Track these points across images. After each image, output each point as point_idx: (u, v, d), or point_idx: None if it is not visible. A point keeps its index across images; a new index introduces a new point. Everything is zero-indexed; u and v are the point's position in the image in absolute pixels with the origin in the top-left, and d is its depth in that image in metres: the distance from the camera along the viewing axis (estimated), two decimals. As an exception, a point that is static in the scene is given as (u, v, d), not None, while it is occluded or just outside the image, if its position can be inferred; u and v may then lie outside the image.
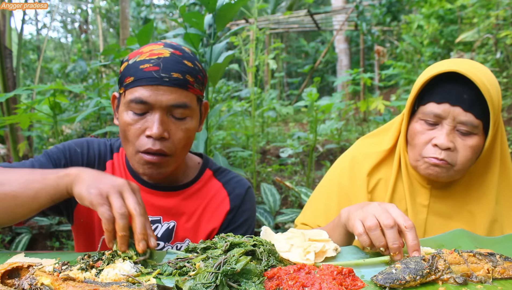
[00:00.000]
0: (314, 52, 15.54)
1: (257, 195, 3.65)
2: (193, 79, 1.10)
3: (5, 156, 3.97)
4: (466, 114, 1.09)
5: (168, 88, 1.06)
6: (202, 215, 1.26)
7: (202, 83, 1.15)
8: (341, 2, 10.74)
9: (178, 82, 1.07)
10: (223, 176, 1.33)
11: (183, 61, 1.09)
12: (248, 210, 1.31)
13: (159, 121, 1.06)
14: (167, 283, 0.78)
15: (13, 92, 2.34)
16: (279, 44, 5.54)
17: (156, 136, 1.07)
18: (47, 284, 0.74)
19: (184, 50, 1.14)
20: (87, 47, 15.27)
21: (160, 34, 7.10)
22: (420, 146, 1.16)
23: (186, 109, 1.10)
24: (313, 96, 3.63)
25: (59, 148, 1.25)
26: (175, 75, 1.06)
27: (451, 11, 6.35)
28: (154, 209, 1.24)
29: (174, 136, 1.10)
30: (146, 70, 1.06)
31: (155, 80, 1.05)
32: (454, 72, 1.10)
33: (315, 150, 5.09)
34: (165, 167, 1.13)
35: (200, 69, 1.14)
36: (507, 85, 4.92)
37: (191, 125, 1.13)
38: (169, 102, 1.07)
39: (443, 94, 1.12)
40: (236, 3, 2.18)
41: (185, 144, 1.14)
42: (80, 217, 1.25)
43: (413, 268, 0.79)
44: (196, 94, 1.13)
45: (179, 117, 1.10)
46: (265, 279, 0.78)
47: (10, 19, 3.98)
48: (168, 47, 1.11)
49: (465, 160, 1.13)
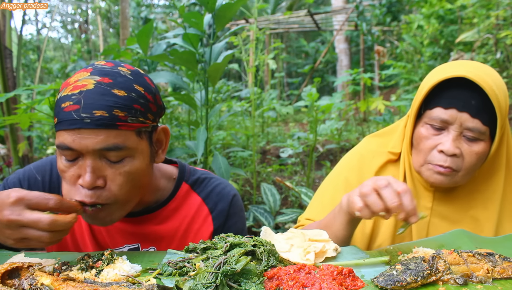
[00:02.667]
0: (314, 52, 15.54)
1: (257, 195, 3.65)
2: (124, 113, 0.91)
3: (5, 156, 3.97)
4: (474, 120, 1.07)
5: (92, 131, 0.89)
6: (184, 237, 1.16)
7: (145, 112, 0.95)
8: (341, 2, 10.74)
9: (103, 122, 0.88)
10: (202, 188, 1.20)
11: (112, 91, 0.90)
12: (234, 225, 1.20)
13: (90, 169, 0.91)
14: (167, 283, 0.78)
15: (13, 92, 2.34)
16: (279, 44, 5.54)
17: (87, 186, 0.92)
18: (47, 284, 0.74)
19: (119, 73, 0.94)
20: (87, 47, 15.27)
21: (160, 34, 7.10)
22: (426, 151, 1.15)
23: (120, 151, 0.92)
24: (313, 96, 3.63)
25: (19, 178, 1.15)
26: (98, 113, 0.88)
27: (451, 11, 6.35)
28: (131, 236, 1.15)
29: (112, 182, 0.94)
30: (66, 110, 0.89)
31: (75, 123, 0.88)
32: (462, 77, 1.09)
33: (315, 150, 5.09)
34: (108, 215, 0.98)
35: (141, 94, 0.94)
36: (507, 85, 4.92)
37: (132, 167, 0.96)
38: (96, 146, 0.89)
39: (450, 99, 1.09)
40: (235, 3, 2.18)
41: (130, 187, 0.97)
42: (50, 248, 1.18)
43: (414, 269, 0.79)
44: (133, 129, 0.94)
45: (114, 161, 0.94)
46: (265, 279, 0.78)
47: (10, 19, 3.98)
48: (95, 74, 0.92)
49: (470, 166, 1.12)
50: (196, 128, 2.63)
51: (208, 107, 2.59)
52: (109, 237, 1.16)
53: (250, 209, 2.97)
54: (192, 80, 3.16)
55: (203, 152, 2.36)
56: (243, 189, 4.06)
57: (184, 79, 3.16)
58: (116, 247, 1.16)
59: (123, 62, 1.03)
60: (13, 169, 3.45)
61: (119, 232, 1.16)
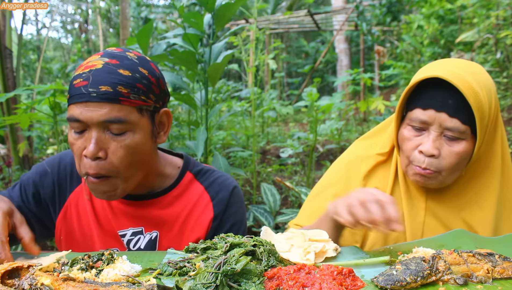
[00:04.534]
0: (314, 52, 15.54)
1: (257, 195, 3.65)
2: (127, 90, 0.99)
3: (5, 156, 3.97)
4: (452, 120, 1.07)
5: (98, 104, 0.98)
6: (185, 223, 1.20)
7: (147, 92, 1.04)
8: (341, 2, 10.74)
9: (107, 96, 0.98)
10: (205, 178, 1.26)
11: (118, 71, 1.00)
12: (235, 213, 1.24)
13: (94, 140, 1.00)
14: (167, 283, 0.78)
15: (13, 92, 2.34)
16: (279, 44, 5.54)
17: (90, 156, 1.00)
18: (47, 284, 0.74)
19: (126, 56, 1.04)
20: (87, 47, 15.27)
21: (160, 34, 7.10)
22: (408, 152, 1.16)
23: (122, 124, 1.00)
24: (313, 96, 3.63)
25: (32, 173, 1.25)
26: (104, 88, 0.98)
27: (451, 11, 6.35)
28: (135, 219, 1.20)
29: (113, 154, 1.02)
30: (77, 86, 0.99)
31: (83, 97, 0.98)
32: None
33: (315, 150, 5.09)
34: (111, 189, 1.06)
35: (144, 76, 1.03)
36: (507, 85, 4.92)
37: (132, 141, 1.03)
38: (100, 118, 0.98)
39: (428, 99, 1.10)
40: (235, 3, 2.18)
41: (130, 162, 1.04)
42: (59, 234, 1.24)
43: (414, 269, 0.79)
44: (135, 106, 1.02)
45: (116, 133, 1.01)
46: (265, 279, 0.78)
47: (10, 19, 3.98)
48: (105, 56, 1.02)
49: (451, 166, 1.11)
50: (196, 128, 2.63)
51: (208, 107, 2.59)
52: (115, 219, 1.20)
53: (250, 209, 2.97)
54: (192, 80, 3.16)
55: (203, 152, 2.36)
56: (243, 189, 4.06)
57: (184, 79, 3.16)
58: (121, 230, 1.20)
59: (132, 49, 1.11)
60: (13, 169, 3.45)
61: (124, 214, 1.20)
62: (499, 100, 4.99)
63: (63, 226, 1.23)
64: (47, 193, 1.23)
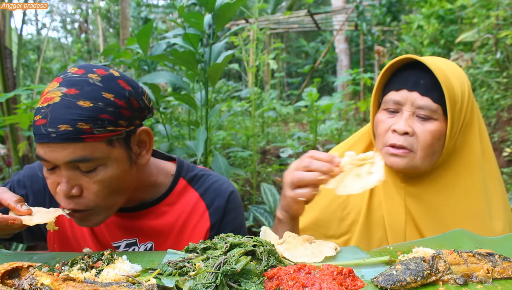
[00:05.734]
0: (314, 52, 15.54)
1: (257, 195, 3.65)
2: (89, 125, 0.90)
3: (5, 156, 3.97)
4: (423, 98, 1.11)
5: (59, 145, 0.91)
6: (181, 233, 1.17)
7: (114, 120, 0.94)
8: (341, 2, 10.74)
9: (68, 136, 0.90)
10: (200, 184, 1.20)
11: (77, 103, 0.90)
12: (233, 221, 1.20)
13: (65, 179, 0.94)
14: (167, 283, 0.78)
15: (13, 92, 2.34)
16: (279, 44, 5.54)
17: (63, 195, 0.96)
18: (47, 284, 0.73)
19: (87, 81, 0.93)
20: (87, 47, 15.27)
21: (160, 34, 7.10)
22: (382, 134, 1.17)
23: (89, 162, 0.93)
24: (313, 96, 3.63)
25: (23, 175, 1.20)
26: (63, 127, 0.89)
27: (451, 11, 6.35)
28: (128, 231, 1.17)
29: (88, 190, 0.97)
30: (37, 125, 0.92)
31: (44, 137, 0.91)
32: (415, 61, 1.14)
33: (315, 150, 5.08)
34: (93, 218, 1.02)
35: (110, 102, 0.93)
36: (507, 85, 4.92)
37: (105, 175, 0.96)
38: (65, 158, 0.92)
39: (401, 81, 1.15)
40: (235, 3, 2.18)
41: (108, 193, 0.99)
42: (52, 243, 1.21)
43: (414, 269, 0.79)
44: (101, 140, 0.94)
45: (86, 171, 0.95)
46: (265, 279, 0.77)
47: (10, 19, 3.98)
48: (63, 86, 0.92)
49: (426, 145, 1.11)
50: (196, 128, 2.63)
51: (208, 107, 2.59)
52: (108, 231, 1.17)
53: (250, 209, 2.97)
54: (192, 80, 3.16)
55: (203, 152, 2.36)
56: (243, 189, 4.06)
57: (184, 79, 3.16)
58: (114, 241, 1.17)
59: (96, 66, 1.00)
60: (13, 169, 3.45)
61: (117, 226, 1.17)
62: (499, 100, 5.00)
63: (56, 234, 1.20)
64: (38, 199, 1.18)
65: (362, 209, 1.25)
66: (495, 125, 4.97)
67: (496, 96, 5.01)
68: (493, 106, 5.08)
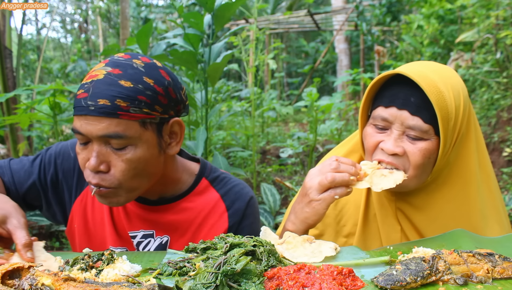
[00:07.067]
0: (314, 52, 15.54)
1: (257, 195, 3.65)
2: (127, 104, 0.95)
3: (5, 156, 3.97)
4: (414, 118, 1.03)
5: (96, 118, 0.95)
6: (198, 231, 1.18)
7: (151, 104, 0.99)
8: (341, 2, 10.74)
9: (105, 110, 0.94)
10: (222, 185, 1.22)
11: (118, 82, 0.95)
12: (249, 226, 1.21)
13: (95, 154, 0.98)
14: (167, 283, 0.78)
15: (13, 92, 2.34)
16: (279, 44, 5.54)
17: (91, 169, 1.00)
18: (48, 284, 0.73)
19: (132, 65, 0.99)
20: (87, 47, 15.27)
21: (160, 34, 7.10)
22: (370, 150, 1.12)
23: (121, 139, 0.97)
24: (313, 96, 3.63)
25: (55, 151, 1.23)
26: (102, 102, 0.94)
27: (451, 11, 6.35)
28: (147, 223, 1.19)
29: (115, 168, 1.00)
30: (78, 98, 0.97)
31: (83, 110, 0.96)
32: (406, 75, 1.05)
33: (315, 150, 5.09)
34: (114, 198, 1.05)
35: (149, 86, 0.98)
36: (507, 85, 4.92)
37: (134, 155, 1.00)
38: (99, 132, 0.96)
39: (390, 97, 1.07)
40: (234, 3, 2.18)
41: (133, 175, 1.02)
42: (72, 222, 1.24)
43: (414, 269, 0.79)
44: (136, 120, 0.98)
45: (117, 148, 0.99)
46: (265, 279, 0.78)
47: (10, 19, 3.98)
48: (108, 66, 0.99)
49: (416, 165, 1.06)
50: (196, 128, 2.63)
51: (208, 107, 2.59)
52: (127, 219, 1.20)
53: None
54: (192, 80, 3.16)
55: (203, 152, 2.36)
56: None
57: (184, 79, 3.16)
58: (132, 231, 1.20)
59: (142, 54, 1.07)
60: (13, 169, 3.44)
61: (136, 216, 1.20)
62: (499, 100, 4.99)
63: (78, 213, 1.22)
64: (66, 178, 1.22)
65: (359, 221, 1.23)
66: (495, 125, 4.97)
67: (496, 96, 5.01)
68: (493, 106, 5.08)
